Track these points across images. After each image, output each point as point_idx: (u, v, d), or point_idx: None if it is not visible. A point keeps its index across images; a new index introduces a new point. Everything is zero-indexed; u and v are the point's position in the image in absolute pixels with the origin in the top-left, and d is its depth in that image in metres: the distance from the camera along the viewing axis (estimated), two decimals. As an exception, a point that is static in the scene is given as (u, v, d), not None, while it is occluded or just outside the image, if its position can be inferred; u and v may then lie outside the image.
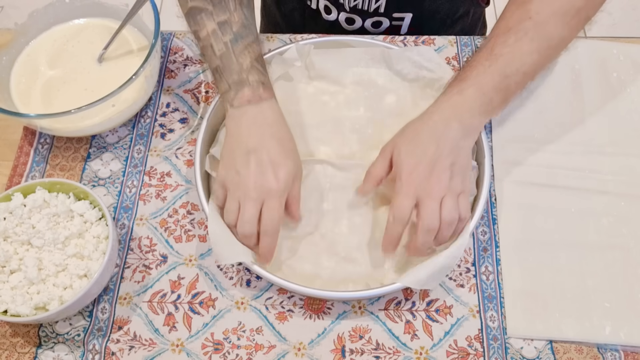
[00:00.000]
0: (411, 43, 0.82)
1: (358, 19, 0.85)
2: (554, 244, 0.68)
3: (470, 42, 0.82)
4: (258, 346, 0.63)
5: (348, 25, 0.87)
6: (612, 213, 0.70)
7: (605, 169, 0.72)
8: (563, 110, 0.77)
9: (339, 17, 0.86)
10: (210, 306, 0.66)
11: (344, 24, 0.87)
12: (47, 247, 0.62)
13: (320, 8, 0.87)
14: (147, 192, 0.72)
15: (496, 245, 0.68)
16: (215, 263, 0.68)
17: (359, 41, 0.76)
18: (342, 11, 0.85)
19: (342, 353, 0.63)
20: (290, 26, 0.96)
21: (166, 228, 0.70)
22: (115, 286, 0.67)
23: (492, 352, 0.63)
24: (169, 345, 0.64)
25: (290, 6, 0.94)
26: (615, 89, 0.78)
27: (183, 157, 0.75)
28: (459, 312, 0.65)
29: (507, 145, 0.74)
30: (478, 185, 0.68)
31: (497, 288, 0.66)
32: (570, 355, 0.63)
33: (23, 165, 0.74)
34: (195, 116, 0.78)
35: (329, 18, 0.87)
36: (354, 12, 0.85)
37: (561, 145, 0.74)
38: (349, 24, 0.87)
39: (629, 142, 0.75)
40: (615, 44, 0.81)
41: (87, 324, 0.65)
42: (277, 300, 0.66)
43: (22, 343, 0.64)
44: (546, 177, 0.72)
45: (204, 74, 0.81)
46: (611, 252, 0.67)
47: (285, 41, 0.82)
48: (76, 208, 0.65)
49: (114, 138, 0.76)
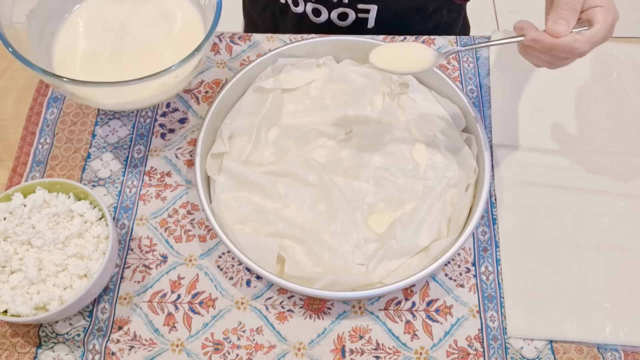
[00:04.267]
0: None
1: (324, 10, 0.86)
2: (554, 244, 0.68)
3: (470, 42, 0.82)
4: (258, 346, 0.63)
5: (315, 17, 0.88)
6: (612, 213, 0.70)
7: (606, 169, 0.72)
8: (563, 110, 0.77)
9: (306, 9, 0.87)
10: (210, 306, 0.66)
11: (311, 16, 0.88)
12: (47, 247, 0.62)
13: (289, 1, 0.88)
14: (147, 192, 0.72)
15: (496, 245, 0.68)
16: (215, 263, 0.68)
17: (359, 41, 0.76)
18: (309, 2, 0.86)
19: (342, 353, 0.63)
20: (265, 24, 0.98)
21: (166, 228, 0.70)
22: (115, 286, 0.67)
23: (492, 352, 0.63)
24: (169, 345, 0.64)
25: (262, 3, 0.96)
26: (615, 89, 0.78)
27: (183, 157, 0.75)
28: (459, 312, 0.65)
29: (507, 145, 0.74)
30: (478, 185, 0.68)
31: (497, 288, 0.66)
32: (570, 355, 0.63)
33: (23, 165, 0.74)
34: (196, 116, 0.78)
35: (297, 10, 0.89)
36: (320, 2, 0.85)
37: (561, 145, 0.74)
38: (315, 16, 0.87)
39: (629, 142, 0.75)
40: (615, 44, 0.81)
41: (87, 324, 0.65)
42: (277, 300, 0.66)
43: (22, 343, 0.64)
44: (546, 177, 0.72)
45: (204, 74, 0.81)
46: (611, 252, 0.67)
47: (285, 41, 0.82)
48: (76, 208, 0.65)
49: (114, 138, 0.76)
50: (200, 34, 0.67)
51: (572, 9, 0.58)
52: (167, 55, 0.69)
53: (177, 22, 0.72)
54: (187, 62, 0.61)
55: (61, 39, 0.71)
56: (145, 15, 0.73)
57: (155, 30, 0.71)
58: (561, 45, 0.57)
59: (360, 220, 0.68)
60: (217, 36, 0.83)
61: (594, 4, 0.59)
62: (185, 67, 0.62)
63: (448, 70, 0.80)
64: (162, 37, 0.71)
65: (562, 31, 0.57)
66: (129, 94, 0.65)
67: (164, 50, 0.70)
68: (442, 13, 0.91)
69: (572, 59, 0.60)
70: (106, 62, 0.69)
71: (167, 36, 0.71)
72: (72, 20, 0.72)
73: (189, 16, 0.72)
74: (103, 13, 0.73)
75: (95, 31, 0.71)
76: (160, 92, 0.66)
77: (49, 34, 0.70)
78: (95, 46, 0.70)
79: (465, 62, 0.81)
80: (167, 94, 0.68)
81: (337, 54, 0.78)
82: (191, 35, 0.70)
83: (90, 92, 0.64)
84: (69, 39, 0.71)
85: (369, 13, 0.85)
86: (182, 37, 0.71)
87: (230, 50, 0.82)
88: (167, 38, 0.71)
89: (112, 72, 0.68)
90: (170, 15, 0.72)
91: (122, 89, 0.60)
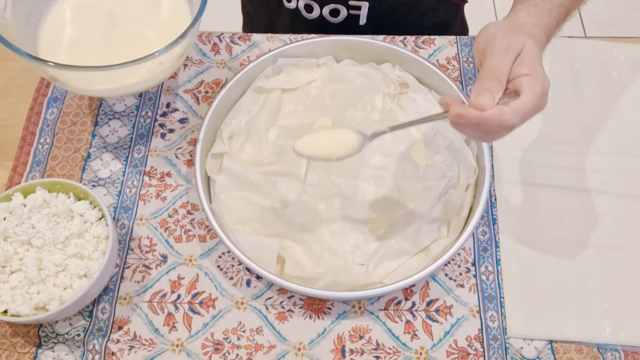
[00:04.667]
0: (411, 43, 0.82)
1: (316, 6, 0.86)
2: (554, 244, 0.68)
3: (470, 42, 0.82)
4: (258, 346, 0.63)
5: (307, 13, 0.88)
6: (612, 213, 0.70)
7: (605, 169, 0.72)
8: (563, 110, 0.77)
9: (299, 4, 0.87)
10: (210, 306, 0.66)
11: (303, 12, 0.88)
12: (47, 247, 0.62)
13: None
14: (147, 192, 0.72)
15: (496, 245, 0.68)
16: (215, 263, 0.68)
17: (359, 41, 0.76)
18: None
19: (342, 353, 0.63)
20: (262, 20, 0.99)
21: (166, 228, 0.70)
22: (115, 286, 0.67)
23: (492, 352, 0.63)
24: (169, 345, 0.64)
25: (258, 0, 0.97)
26: (615, 89, 0.78)
27: (183, 157, 0.75)
28: (459, 312, 0.65)
29: (507, 145, 0.74)
30: (478, 185, 0.68)
31: (497, 288, 0.66)
32: (570, 355, 0.63)
33: (23, 165, 0.74)
34: (196, 116, 0.78)
35: (289, 6, 0.89)
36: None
37: (561, 145, 0.74)
38: (308, 12, 0.88)
39: (628, 142, 0.75)
40: (615, 44, 0.81)
41: (87, 324, 0.65)
42: (277, 300, 0.66)
43: (22, 343, 0.64)
44: (546, 177, 0.72)
45: (204, 74, 0.81)
46: (611, 252, 0.67)
47: (285, 41, 0.82)
48: (76, 208, 0.65)
49: (114, 138, 0.76)
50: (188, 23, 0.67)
51: (496, 80, 0.53)
52: (154, 42, 0.69)
53: (165, 9, 0.71)
54: (171, 48, 0.60)
55: (47, 26, 0.70)
56: (133, 2, 0.72)
57: (143, 18, 0.71)
58: (488, 119, 0.52)
59: (360, 220, 0.68)
60: (217, 36, 0.83)
61: (521, 73, 0.54)
62: (170, 54, 0.61)
63: (448, 71, 0.80)
64: (150, 25, 0.70)
65: (487, 104, 0.52)
66: (115, 80, 0.64)
67: (151, 37, 0.69)
68: (439, 12, 0.91)
69: (502, 132, 0.54)
70: (93, 49, 0.68)
71: (155, 23, 0.70)
72: (59, 7, 0.71)
73: (177, 4, 0.72)
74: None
75: (82, 18, 0.71)
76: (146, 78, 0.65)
77: (35, 20, 0.69)
78: (82, 33, 0.70)
79: (466, 62, 0.81)
80: (152, 81, 0.67)
81: (337, 54, 0.78)
82: (179, 23, 0.69)
83: (74, 77, 0.63)
84: (56, 25, 0.70)
85: (361, 10, 0.86)
86: (169, 25, 0.70)
87: (230, 50, 0.82)
88: (154, 25, 0.70)
89: (98, 58, 0.67)
90: (158, 3, 0.72)
91: (109, 74, 0.60)
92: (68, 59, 0.67)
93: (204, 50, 0.82)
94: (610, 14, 1.84)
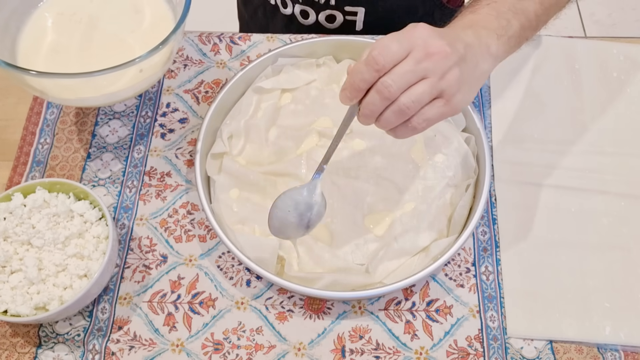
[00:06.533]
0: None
1: (312, 11, 0.86)
2: (554, 244, 0.68)
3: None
4: (258, 346, 0.64)
5: (303, 19, 0.88)
6: (612, 213, 0.70)
7: (605, 169, 0.72)
8: (563, 110, 0.77)
9: (294, 10, 0.87)
10: (210, 306, 0.66)
11: (299, 18, 0.88)
12: (47, 247, 0.62)
13: (278, 2, 0.89)
14: (147, 192, 0.72)
15: (496, 245, 0.68)
16: (215, 263, 0.68)
17: (359, 41, 0.76)
18: (297, 3, 0.86)
19: (342, 353, 0.63)
20: (257, 25, 0.98)
21: (166, 228, 0.70)
22: (115, 286, 0.67)
23: (492, 352, 0.63)
24: (169, 345, 0.64)
25: (254, 5, 0.97)
26: (615, 89, 0.78)
27: (183, 157, 0.75)
28: (459, 312, 0.65)
29: (507, 145, 0.74)
30: (478, 185, 0.68)
31: (497, 288, 0.66)
32: (570, 355, 0.63)
33: (23, 165, 0.74)
34: (195, 116, 0.78)
35: (285, 12, 0.89)
36: (307, 4, 0.85)
37: (561, 145, 0.74)
38: (304, 18, 0.88)
39: (629, 142, 0.75)
40: (615, 44, 0.81)
41: (87, 324, 0.65)
42: (277, 300, 0.66)
43: (22, 343, 0.64)
44: (546, 177, 0.72)
45: (204, 74, 0.81)
46: (611, 252, 0.67)
47: (285, 41, 0.82)
48: (76, 208, 0.65)
49: (114, 138, 0.76)
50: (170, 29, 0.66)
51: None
52: (136, 49, 0.67)
53: (148, 16, 0.70)
54: (152, 54, 0.59)
55: (27, 33, 0.68)
56: (115, 9, 0.71)
57: (125, 24, 0.69)
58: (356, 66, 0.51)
59: (360, 220, 0.68)
60: (217, 36, 0.83)
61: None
62: (151, 61, 0.60)
63: (448, 70, 0.80)
64: (131, 31, 0.69)
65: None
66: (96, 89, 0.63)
67: (133, 44, 0.68)
68: (434, 17, 0.91)
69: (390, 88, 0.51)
70: (73, 57, 0.67)
71: (137, 31, 0.69)
72: (39, 14, 0.69)
73: (160, 11, 0.70)
74: (72, 5, 0.70)
75: (62, 25, 0.69)
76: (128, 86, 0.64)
77: (14, 28, 0.67)
78: (63, 40, 0.68)
79: (465, 62, 0.81)
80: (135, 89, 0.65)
81: (337, 54, 0.78)
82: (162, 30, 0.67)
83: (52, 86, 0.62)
84: (36, 33, 0.68)
85: (357, 15, 0.86)
86: (151, 32, 0.69)
87: (230, 50, 0.83)
88: (136, 32, 0.69)
89: (79, 66, 0.66)
90: (141, 10, 0.71)
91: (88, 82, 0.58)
92: (47, 68, 0.65)
93: (204, 50, 0.82)
94: (610, 14, 1.84)
